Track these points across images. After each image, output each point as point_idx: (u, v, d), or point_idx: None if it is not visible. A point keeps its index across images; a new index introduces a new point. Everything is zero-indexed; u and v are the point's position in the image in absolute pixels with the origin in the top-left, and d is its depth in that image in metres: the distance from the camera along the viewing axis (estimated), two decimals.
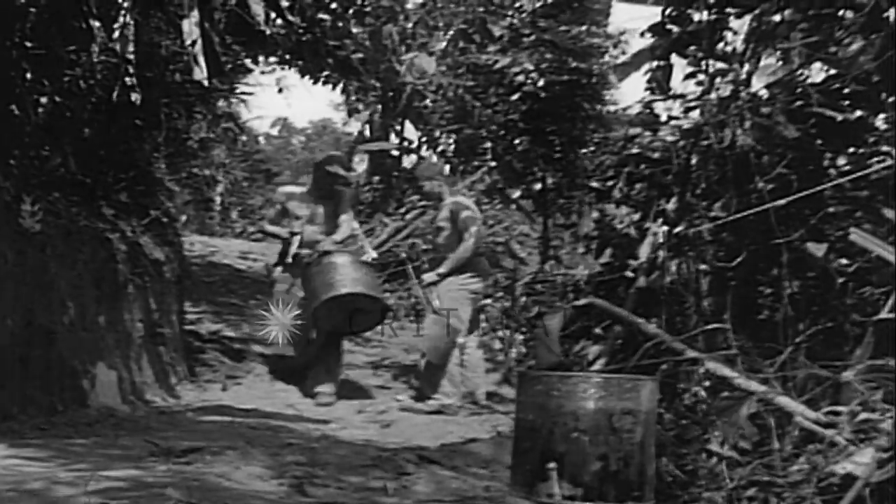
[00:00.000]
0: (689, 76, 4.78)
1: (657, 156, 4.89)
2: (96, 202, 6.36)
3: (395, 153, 13.95)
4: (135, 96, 5.31)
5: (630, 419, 3.28)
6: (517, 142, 10.51)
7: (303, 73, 10.22)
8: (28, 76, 5.66)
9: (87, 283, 5.86)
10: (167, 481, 3.80)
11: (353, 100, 14.27)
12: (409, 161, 13.81)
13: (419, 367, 7.11)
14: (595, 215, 5.53)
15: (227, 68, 7.46)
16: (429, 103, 12.15)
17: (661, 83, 4.87)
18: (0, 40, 5.45)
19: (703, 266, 4.67)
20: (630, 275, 4.82)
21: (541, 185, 10.59)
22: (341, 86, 11.74)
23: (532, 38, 10.45)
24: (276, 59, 10.13)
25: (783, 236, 4.27)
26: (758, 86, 4.66)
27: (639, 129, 5.04)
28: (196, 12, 5.18)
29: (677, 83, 4.88)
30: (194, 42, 5.16)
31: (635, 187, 5.02)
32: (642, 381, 3.39)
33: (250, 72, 10.06)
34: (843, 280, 4.34)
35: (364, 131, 14.66)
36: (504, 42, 10.76)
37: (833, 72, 4.53)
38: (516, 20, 10.96)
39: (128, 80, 5.22)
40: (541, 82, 10.18)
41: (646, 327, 4.44)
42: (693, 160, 4.74)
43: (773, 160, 4.43)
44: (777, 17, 4.63)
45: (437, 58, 11.61)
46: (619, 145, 5.25)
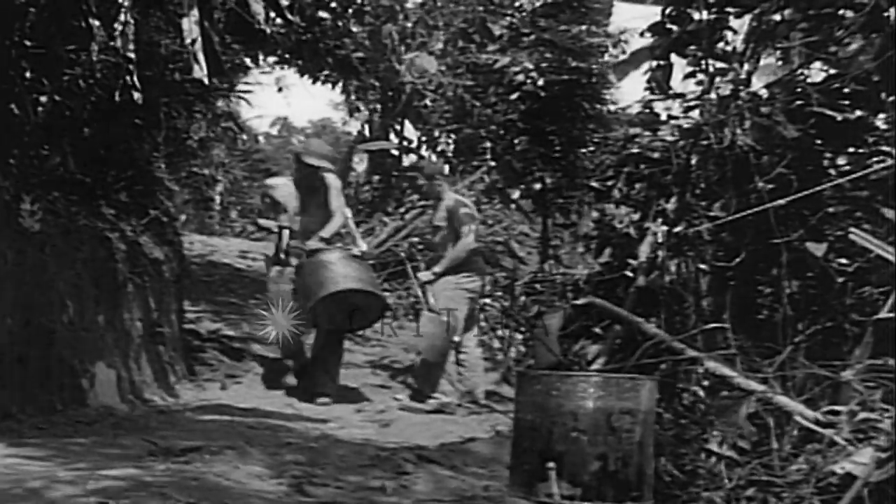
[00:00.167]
0: (689, 76, 4.77)
1: (657, 156, 4.88)
2: (96, 201, 6.36)
3: (395, 153, 13.96)
4: (136, 95, 5.30)
5: (629, 419, 3.28)
6: (517, 141, 10.51)
7: (302, 73, 10.25)
8: (28, 75, 5.65)
9: (87, 283, 5.86)
10: (166, 480, 3.80)
11: (352, 99, 14.30)
12: (409, 161, 13.84)
13: (415, 366, 7.12)
14: (594, 215, 5.52)
15: (227, 67, 7.45)
16: (428, 103, 12.16)
17: (660, 83, 4.86)
18: (0, 40, 5.45)
19: (703, 266, 4.66)
20: (629, 274, 4.80)
21: (540, 185, 10.58)
22: (341, 85, 11.77)
23: (532, 37, 10.47)
24: (276, 59, 10.15)
25: (783, 236, 4.26)
26: (758, 85, 4.65)
27: (638, 129, 5.03)
28: (196, 11, 5.18)
29: (677, 83, 4.87)
30: (194, 41, 5.15)
31: (635, 187, 5.00)
32: (641, 381, 3.39)
33: (250, 70, 10.08)
34: (842, 280, 4.33)
35: (364, 131, 14.68)
36: (504, 41, 10.77)
37: (833, 71, 4.51)
38: (516, 19, 10.97)
39: (128, 79, 5.21)
40: (540, 82, 10.18)
41: (645, 327, 4.43)
42: (693, 160, 4.72)
43: (772, 160, 4.42)
44: (777, 17, 4.62)
45: (436, 57, 11.62)
46: (619, 145, 5.24)
